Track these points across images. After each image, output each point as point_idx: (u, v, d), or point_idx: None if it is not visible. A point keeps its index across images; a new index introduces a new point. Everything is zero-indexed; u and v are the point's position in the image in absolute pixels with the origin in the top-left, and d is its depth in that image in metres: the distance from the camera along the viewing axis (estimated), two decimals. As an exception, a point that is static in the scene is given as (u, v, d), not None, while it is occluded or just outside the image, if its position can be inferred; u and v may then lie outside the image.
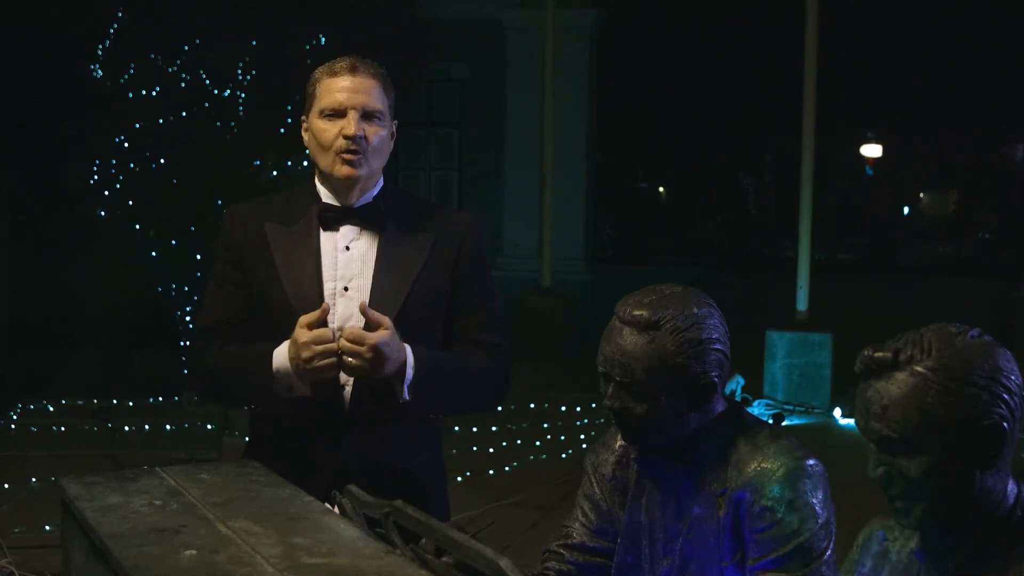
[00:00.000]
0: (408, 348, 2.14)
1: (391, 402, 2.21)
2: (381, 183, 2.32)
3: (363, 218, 2.27)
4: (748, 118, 17.81)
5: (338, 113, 2.20)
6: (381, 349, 2.07)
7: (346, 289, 2.23)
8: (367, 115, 2.21)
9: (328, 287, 2.23)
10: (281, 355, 2.15)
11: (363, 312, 2.10)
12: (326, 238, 2.26)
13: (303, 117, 2.30)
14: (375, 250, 2.26)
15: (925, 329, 1.57)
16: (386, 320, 2.10)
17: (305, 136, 2.29)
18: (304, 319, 2.10)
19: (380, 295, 2.22)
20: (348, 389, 2.22)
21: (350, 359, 2.07)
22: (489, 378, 2.32)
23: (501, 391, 2.36)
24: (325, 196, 2.28)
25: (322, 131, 2.22)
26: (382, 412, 2.23)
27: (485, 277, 2.37)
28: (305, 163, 7.30)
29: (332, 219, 2.26)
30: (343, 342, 2.07)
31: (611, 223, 16.61)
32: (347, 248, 2.25)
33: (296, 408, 2.24)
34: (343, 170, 2.21)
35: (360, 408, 2.22)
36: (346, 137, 2.19)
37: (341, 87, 2.21)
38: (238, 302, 2.29)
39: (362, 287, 2.23)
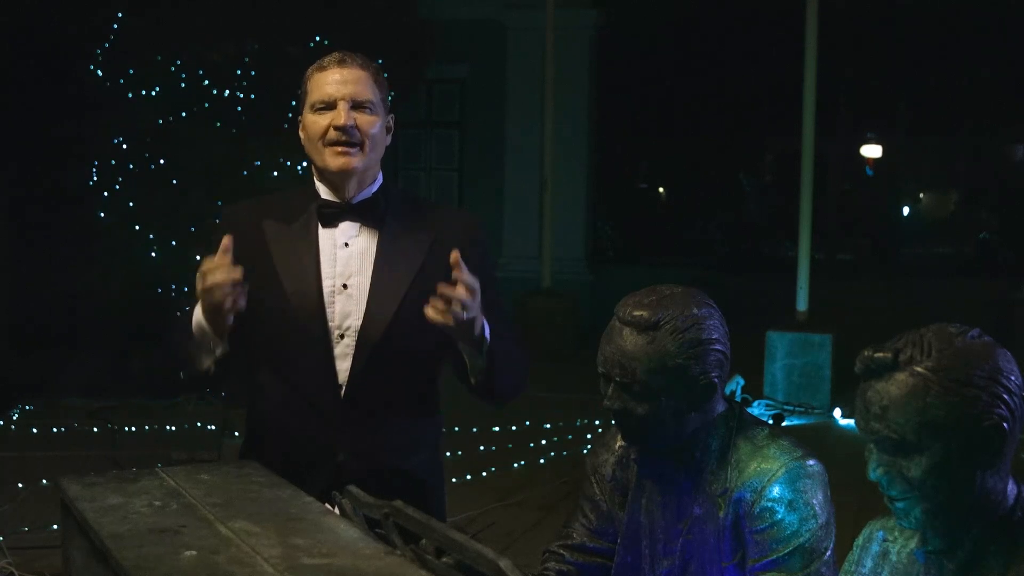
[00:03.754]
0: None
1: (386, 401, 2.21)
2: (380, 179, 2.30)
3: (362, 214, 2.25)
4: (748, 118, 17.82)
5: (328, 106, 2.19)
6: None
7: (345, 286, 2.21)
8: (357, 105, 2.19)
9: (327, 284, 2.21)
10: (198, 310, 2.12)
11: (455, 264, 2.03)
12: (325, 235, 2.24)
13: (299, 117, 2.29)
14: (374, 247, 2.24)
15: (925, 329, 1.57)
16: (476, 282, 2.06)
17: (301, 135, 2.28)
18: (207, 261, 2.06)
19: (379, 292, 2.20)
20: (344, 390, 2.21)
21: (463, 311, 2.01)
22: (526, 363, 2.31)
23: (525, 387, 2.35)
24: (324, 193, 2.26)
25: (313, 124, 2.21)
26: (378, 412, 2.22)
27: (492, 275, 2.36)
28: (305, 163, 7.30)
29: (331, 216, 2.24)
30: (460, 290, 2.01)
31: (611, 223, 16.62)
32: (346, 245, 2.24)
33: (289, 409, 2.22)
34: (337, 161, 2.19)
35: (356, 408, 2.21)
36: (336, 128, 2.17)
37: (330, 80, 2.20)
38: None
39: (361, 284, 2.21)
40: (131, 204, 7.49)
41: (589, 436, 6.68)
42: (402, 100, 2.33)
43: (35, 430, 6.61)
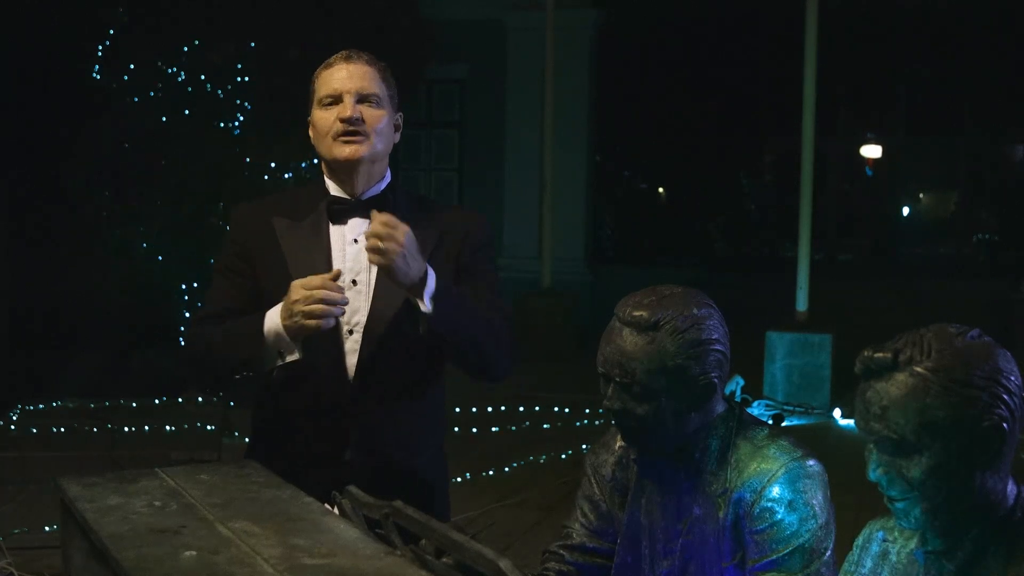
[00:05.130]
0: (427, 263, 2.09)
1: (395, 393, 2.21)
2: (389, 176, 2.33)
3: (371, 210, 2.27)
4: (748, 118, 17.81)
5: (335, 100, 2.23)
6: (408, 239, 2.03)
7: (354, 283, 2.23)
8: (363, 99, 2.23)
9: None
10: (273, 314, 2.13)
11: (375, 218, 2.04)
12: (335, 231, 2.27)
13: (308, 118, 2.31)
14: None
15: (925, 330, 1.57)
16: (405, 227, 2.05)
17: (311, 133, 2.31)
18: (312, 278, 2.07)
19: (385, 287, 2.21)
20: (352, 386, 2.22)
21: (381, 243, 2.01)
22: (501, 329, 2.24)
23: (510, 356, 2.28)
24: (334, 190, 2.29)
25: (321, 120, 2.24)
26: (385, 409, 2.23)
27: (488, 264, 2.36)
28: (305, 164, 7.31)
29: (340, 212, 2.27)
30: (375, 225, 2.01)
31: (611, 223, 16.60)
32: (355, 241, 2.25)
33: (298, 406, 2.23)
34: (343, 151, 2.21)
35: (363, 406, 2.22)
36: (342, 120, 2.20)
37: (336, 76, 2.24)
38: (243, 292, 2.28)
39: (369, 280, 2.23)
40: (131, 204, 7.49)
41: (589, 436, 6.68)
42: (402, 100, 2.33)
43: (35, 430, 6.61)
